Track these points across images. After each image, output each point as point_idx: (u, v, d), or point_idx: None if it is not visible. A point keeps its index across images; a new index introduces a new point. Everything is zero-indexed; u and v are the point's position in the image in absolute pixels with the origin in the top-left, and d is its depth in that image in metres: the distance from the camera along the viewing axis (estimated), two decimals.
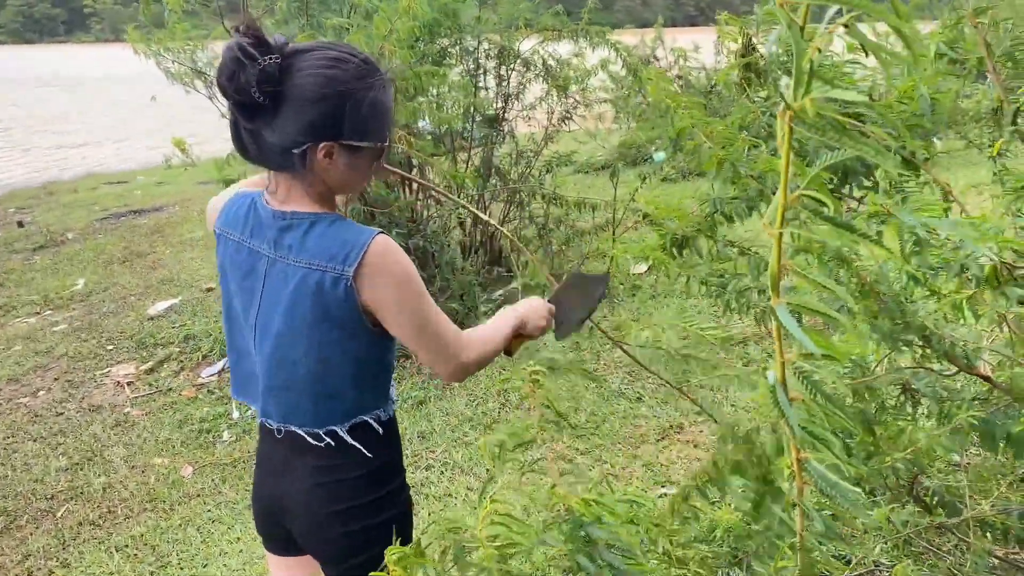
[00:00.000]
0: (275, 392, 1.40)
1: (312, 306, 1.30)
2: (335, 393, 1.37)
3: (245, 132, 1.29)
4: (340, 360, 1.35)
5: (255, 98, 1.22)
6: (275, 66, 1.21)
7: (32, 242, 7.15)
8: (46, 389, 4.18)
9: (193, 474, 3.28)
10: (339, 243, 1.28)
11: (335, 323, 1.31)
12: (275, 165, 1.32)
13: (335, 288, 1.28)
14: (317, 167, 1.30)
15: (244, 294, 1.39)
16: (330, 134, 1.27)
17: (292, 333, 1.34)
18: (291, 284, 1.31)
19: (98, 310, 5.30)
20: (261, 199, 1.38)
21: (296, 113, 1.24)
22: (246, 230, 1.38)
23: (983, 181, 5.75)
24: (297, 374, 1.36)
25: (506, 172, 5.05)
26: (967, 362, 1.45)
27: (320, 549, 1.47)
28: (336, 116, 1.26)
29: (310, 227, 1.31)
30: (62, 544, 2.87)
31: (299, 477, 1.43)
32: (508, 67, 4.94)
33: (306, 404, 1.38)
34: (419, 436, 3.40)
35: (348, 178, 1.34)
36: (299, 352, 1.35)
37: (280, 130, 1.25)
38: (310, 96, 1.24)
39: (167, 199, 8.87)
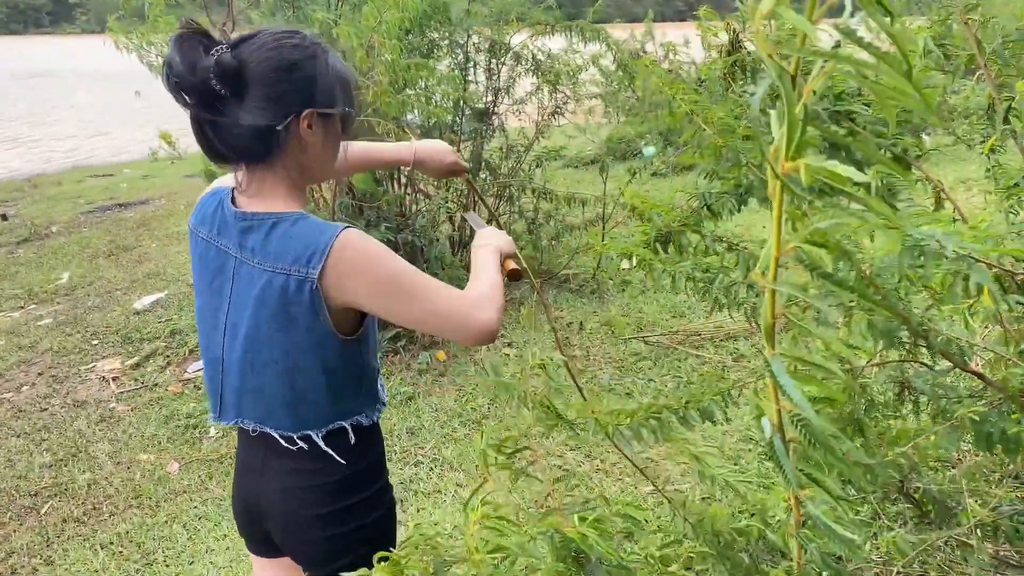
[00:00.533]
0: (250, 394, 1.36)
1: (277, 310, 1.25)
2: (309, 399, 1.33)
3: (210, 128, 1.24)
4: (310, 367, 1.30)
5: (215, 89, 1.19)
6: (228, 54, 1.19)
7: (16, 235, 7.07)
8: (30, 384, 4.13)
9: (179, 470, 3.25)
10: (302, 244, 1.23)
11: (301, 329, 1.26)
12: (249, 155, 1.27)
13: (300, 292, 1.23)
14: (297, 144, 1.27)
15: (213, 294, 1.35)
16: (307, 100, 1.25)
17: (260, 337, 1.29)
18: (256, 287, 1.26)
19: (83, 304, 5.25)
20: (228, 198, 1.34)
21: (267, 89, 1.22)
22: (214, 228, 1.33)
23: (972, 177, 5.77)
24: (268, 378, 1.32)
25: (496, 166, 5.03)
26: (962, 359, 1.44)
27: (299, 552, 1.44)
28: (308, 81, 1.25)
29: (272, 228, 1.26)
30: (46, 541, 2.83)
31: (276, 479, 1.40)
32: (499, 61, 4.91)
33: (280, 409, 1.34)
34: (408, 432, 3.38)
35: (324, 154, 1.33)
36: (268, 356, 1.31)
37: (254, 112, 1.22)
38: (277, 68, 1.22)
39: (153, 192, 8.79)
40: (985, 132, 2.23)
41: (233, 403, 1.39)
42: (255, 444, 1.43)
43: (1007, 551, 1.91)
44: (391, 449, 3.23)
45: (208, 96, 1.20)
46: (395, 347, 4.12)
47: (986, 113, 1.87)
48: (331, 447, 1.36)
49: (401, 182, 4.59)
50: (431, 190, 4.71)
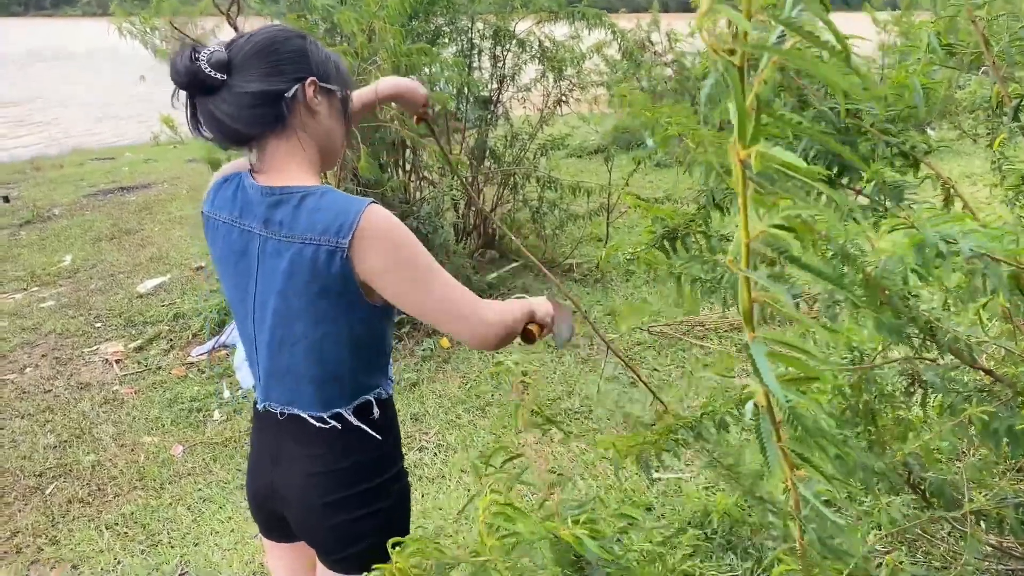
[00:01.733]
0: (277, 376, 1.37)
1: (308, 282, 1.27)
2: (336, 373, 1.34)
3: (219, 110, 1.26)
4: (339, 336, 1.31)
5: (210, 76, 1.23)
6: (221, 51, 1.25)
7: (18, 217, 7.06)
8: (34, 366, 4.14)
9: (183, 453, 3.26)
10: (332, 215, 1.24)
11: (332, 298, 1.28)
12: (262, 124, 1.28)
13: (331, 261, 1.24)
14: (306, 113, 1.30)
15: (240, 277, 1.36)
16: (307, 69, 1.30)
17: (290, 312, 1.30)
18: (284, 260, 1.27)
19: (86, 287, 5.25)
20: (247, 178, 1.35)
21: (267, 59, 1.26)
22: (235, 210, 1.34)
23: (977, 171, 5.77)
24: (297, 355, 1.33)
25: (500, 154, 5.02)
26: (970, 356, 1.45)
27: (316, 538, 1.45)
28: (303, 54, 1.30)
29: (301, 201, 1.27)
30: (51, 521, 2.85)
31: (295, 465, 1.41)
32: (503, 48, 4.90)
33: (308, 387, 1.35)
34: (412, 418, 3.39)
35: (331, 126, 1.36)
36: (298, 331, 1.32)
37: (260, 80, 1.25)
38: (272, 42, 1.28)
39: (155, 176, 8.77)
40: (990, 127, 2.23)
41: (264, 386, 1.40)
42: (277, 430, 1.43)
43: (1011, 543, 1.93)
44: None
45: (206, 84, 1.24)
46: (399, 334, 4.13)
47: (992, 109, 1.87)
48: (361, 422, 1.38)
49: (406, 169, 4.59)
50: (435, 177, 4.71)
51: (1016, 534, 1.74)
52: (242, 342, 1.44)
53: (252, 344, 1.40)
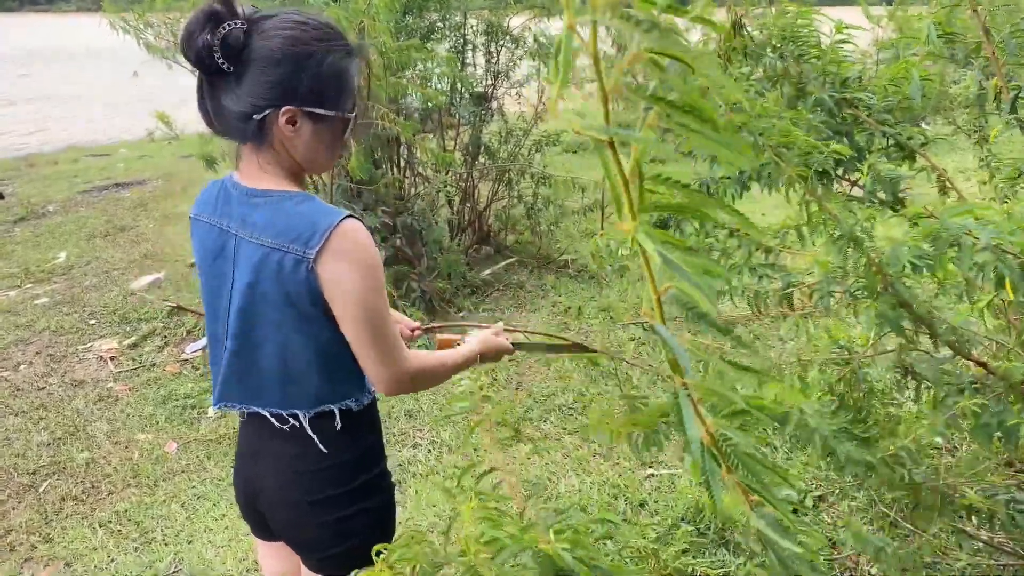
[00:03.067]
0: (239, 375, 1.37)
1: (273, 287, 1.26)
2: (299, 378, 1.33)
3: (209, 101, 1.26)
4: (301, 345, 1.30)
5: (218, 63, 1.20)
6: (240, 31, 1.20)
7: (12, 214, 7.04)
8: (27, 363, 4.13)
9: (177, 450, 3.26)
10: (305, 223, 1.23)
11: (295, 305, 1.27)
12: (238, 135, 1.28)
13: (296, 270, 1.23)
14: (280, 136, 1.26)
15: (215, 276, 1.35)
16: (290, 97, 1.24)
17: (255, 313, 1.30)
18: (254, 263, 1.27)
19: (80, 284, 5.24)
20: (232, 179, 1.35)
21: (256, 76, 1.22)
22: (216, 210, 1.34)
23: (970, 166, 5.76)
24: (262, 355, 1.33)
25: (495, 151, 5.02)
26: (966, 348, 1.45)
27: (294, 538, 1.45)
28: (294, 78, 1.23)
29: (277, 205, 1.27)
30: (45, 519, 2.84)
31: (270, 464, 1.41)
32: (497, 44, 4.89)
33: (271, 386, 1.35)
34: (406, 415, 3.39)
35: (313, 151, 1.30)
36: (262, 333, 1.32)
37: (241, 96, 1.23)
38: (270, 58, 1.22)
39: (150, 173, 8.75)
40: (978, 122, 2.23)
41: (222, 386, 1.40)
42: (251, 427, 1.44)
43: (1002, 538, 1.93)
44: (389, 431, 3.24)
45: (212, 68, 1.22)
46: None
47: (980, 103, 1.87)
48: (316, 430, 1.36)
49: (400, 165, 4.59)
50: (430, 173, 4.71)
51: (1007, 529, 1.75)
52: (209, 343, 1.43)
53: (220, 344, 1.39)
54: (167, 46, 4.49)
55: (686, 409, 0.55)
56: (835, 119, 1.42)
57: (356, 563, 1.40)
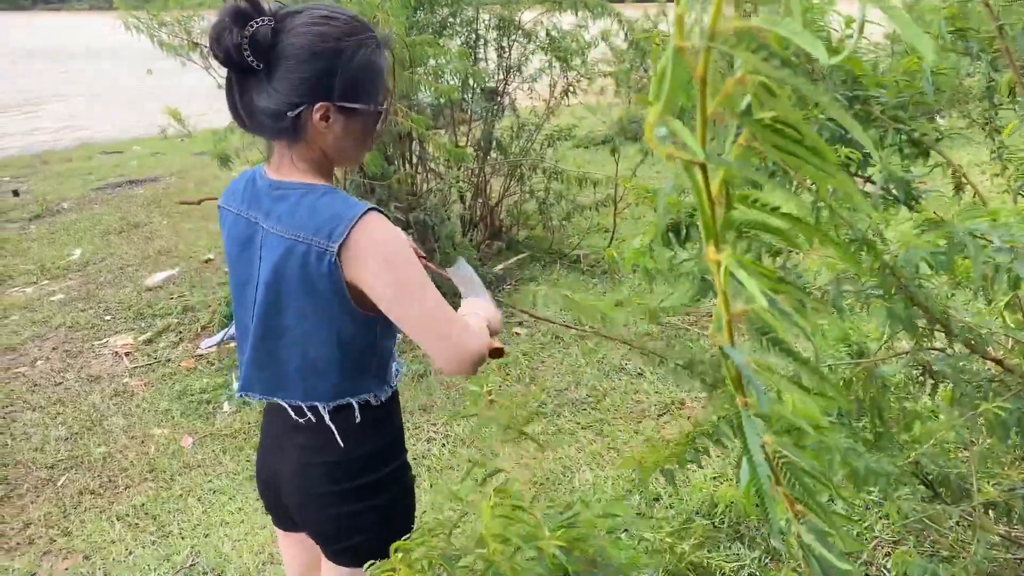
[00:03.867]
0: (260, 365, 1.38)
1: (298, 279, 1.27)
2: (319, 370, 1.34)
3: (240, 99, 1.27)
4: (324, 338, 1.31)
5: (248, 61, 1.20)
6: (267, 28, 1.20)
7: (28, 212, 7.09)
8: (44, 359, 4.17)
9: (193, 445, 3.28)
10: (327, 216, 1.24)
11: (320, 298, 1.28)
12: (270, 132, 1.29)
13: (319, 263, 1.24)
14: (313, 132, 1.27)
15: (243, 266, 1.37)
16: (323, 94, 1.24)
17: (279, 303, 1.32)
18: (278, 255, 1.28)
19: (95, 280, 5.28)
20: (261, 171, 1.37)
21: (288, 73, 1.22)
22: (244, 202, 1.36)
23: (986, 160, 5.74)
24: (283, 345, 1.35)
25: (507, 146, 5.02)
26: (982, 346, 1.44)
27: (314, 528, 1.46)
28: (328, 74, 1.23)
29: (301, 198, 1.28)
30: (63, 513, 2.87)
31: (291, 455, 1.42)
32: (509, 39, 4.88)
33: (293, 377, 1.36)
34: (420, 409, 3.40)
35: (344, 144, 1.31)
36: (285, 323, 1.33)
37: (273, 93, 1.23)
38: (301, 55, 1.22)
39: (163, 170, 8.80)
40: (989, 115, 2.21)
41: (245, 375, 1.41)
42: (274, 419, 1.45)
43: (1020, 532, 1.93)
44: (404, 425, 3.25)
45: (241, 66, 1.22)
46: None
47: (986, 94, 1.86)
48: (335, 423, 1.37)
49: (412, 161, 4.59)
50: (442, 169, 4.71)
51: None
52: (237, 332, 1.45)
53: (246, 333, 1.40)
54: (180, 44, 4.50)
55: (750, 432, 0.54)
56: None
57: (374, 555, 1.41)
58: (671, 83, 0.40)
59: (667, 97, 0.40)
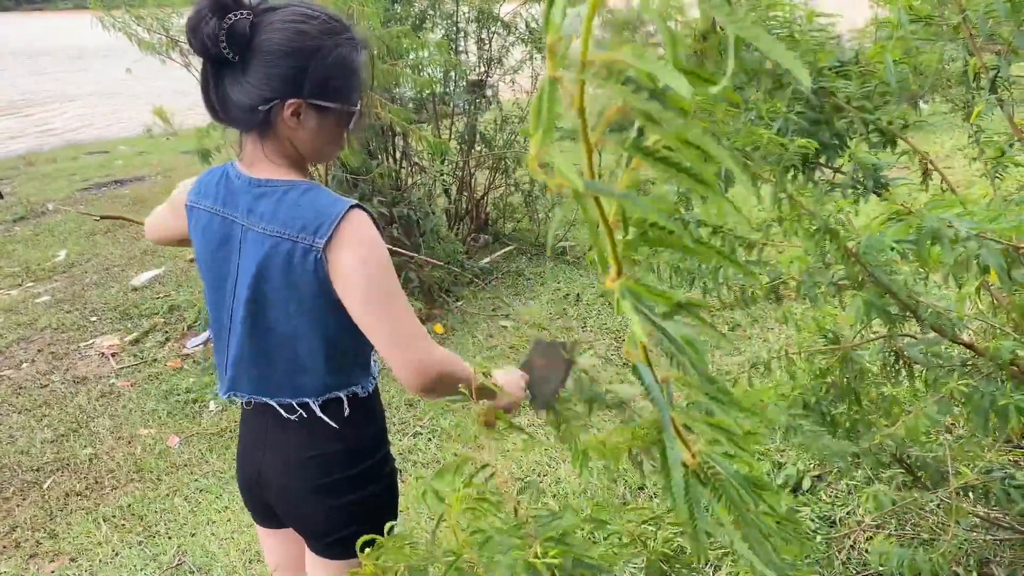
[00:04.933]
0: (246, 364, 1.38)
1: (281, 275, 1.27)
2: (307, 367, 1.34)
3: (214, 90, 1.27)
4: (310, 335, 1.32)
5: (224, 53, 1.21)
6: (246, 22, 1.20)
7: (12, 213, 7.05)
8: (30, 361, 4.16)
9: (179, 444, 3.28)
10: (312, 213, 1.24)
11: (306, 294, 1.28)
12: (242, 125, 1.29)
13: (304, 260, 1.24)
14: (284, 127, 1.27)
15: (219, 264, 1.36)
16: (295, 90, 1.24)
17: (264, 301, 1.31)
18: (262, 253, 1.28)
19: (81, 281, 5.26)
20: (234, 167, 1.36)
21: (262, 68, 1.22)
22: (218, 199, 1.35)
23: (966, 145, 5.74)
24: (269, 343, 1.34)
25: (491, 139, 5.01)
26: (952, 331, 1.45)
27: (300, 524, 1.47)
28: (301, 71, 1.23)
29: (283, 195, 1.27)
30: (49, 515, 2.87)
31: (276, 452, 1.43)
32: (489, 31, 4.87)
33: (279, 375, 1.36)
34: (406, 404, 3.40)
35: (316, 142, 1.31)
36: (271, 320, 1.33)
37: (247, 86, 1.23)
38: (276, 50, 1.22)
39: (149, 169, 8.76)
40: (966, 100, 2.22)
41: (231, 375, 1.41)
42: (257, 417, 1.45)
43: (998, 513, 1.94)
44: (390, 420, 3.26)
45: (217, 58, 1.22)
46: None
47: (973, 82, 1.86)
48: (329, 416, 1.38)
49: (395, 155, 4.58)
50: (426, 163, 4.70)
51: (1002, 505, 1.76)
52: (213, 333, 1.44)
53: (225, 332, 1.40)
54: (159, 42, 4.47)
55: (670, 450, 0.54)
56: (814, 109, 1.42)
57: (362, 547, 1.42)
58: (547, 114, 0.40)
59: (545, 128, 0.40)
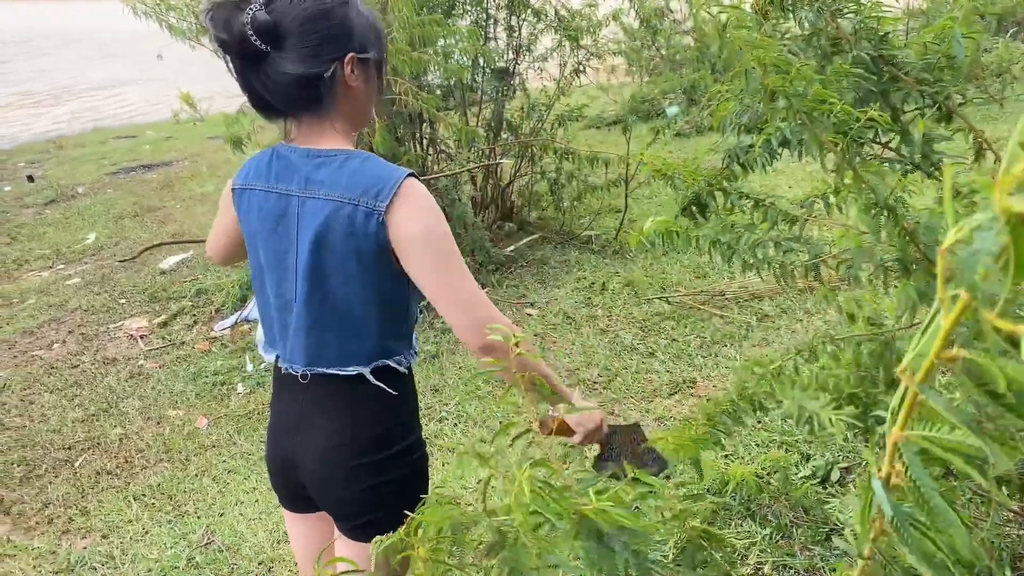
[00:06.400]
0: (305, 331, 1.38)
1: (342, 239, 1.30)
2: (361, 331, 1.37)
3: (258, 83, 1.29)
4: (367, 297, 1.34)
5: (256, 46, 1.23)
6: (262, 12, 1.23)
7: (43, 196, 7.15)
8: (61, 342, 4.21)
9: (208, 426, 3.31)
10: (372, 178, 1.28)
11: (365, 258, 1.31)
12: (299, 104, 1.31)
13: (367, 222, 1.28)
14: (345, 89, 1.31)
15: (279, 239, 1.38)
16: (346, 46, 1.29)
17: (323, 268, 1.34)
18: (322, 218, 1.30)
19: (110, 264, 5.32)
20: (284, 146, 1.38)
21: (307, 38, 1.25)
22: (271, 177, 1.37)
23: (1002, 136, 5.66)
24: (326, 309, 1.36)
25: (517, 126, 5.00)
26: None
27: (333, 505, 1.47)
28: (344, 26, 1.28)
29: (344, 162, 1.31)
30: (81, 493, 2.91)
31: (314, 433, 1.43)
32: (519, 18, 4.85)
33: (332, 342, 1.37)
34: (432, 389, 3.41)
35: (366, 99, 1.37)
36: (329, 287, 1.35)
37: (296, 65, 1.25)
38: (314, 17, 1.25)
39: (176, 154, 8.84)
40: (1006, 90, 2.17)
41: (289, 346, 1.42)
42: (295, 398, 1.45)
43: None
44: None
45: (250, 53, 1.24)
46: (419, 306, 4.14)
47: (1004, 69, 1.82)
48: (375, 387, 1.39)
49: (423, 142, 4.58)
50: (453, 150, 4.70)
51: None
52: (273, 307, 1.44)
53: (286, 305, 1.41)
54: (189, 28, 4.50)
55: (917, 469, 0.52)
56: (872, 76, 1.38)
57: (388, 529, 1.42)
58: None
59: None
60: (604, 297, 4.24)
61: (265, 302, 1.46)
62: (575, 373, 3.47)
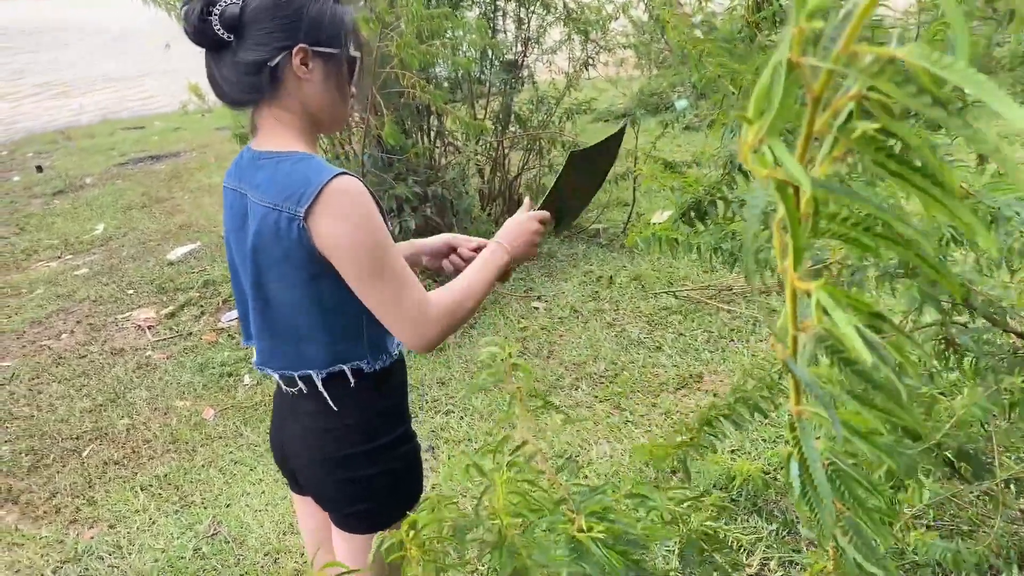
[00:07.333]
0: (258, 334, 1.40)
1: (273, 246, 1.27)
2: (309, 337, 1.34)
3: (217, 73, 1.29)
4: (306, 304, 1.31)
5: (221, 36, 1.24)
6: (235, 6, 1.24)
7: (51, 187, 7.17)
8: (69, 332, 4.23)
9: (215, 417, 3.32)
10: (297, 181, 1.24)
11: (296, 264, 1.27)
12: (251, 92, 1.29)
13: (289, 229, 1.24)
14: (293, 82, 1.28)
15: (242, 240, 1.37)
16: (295, 36, 1.26)
17: (263, 274, 1.32)
18: (255, 223, 1.29)
19: (118, 255, 5.33)
20: (247, 145, 1.38)
21: (258, 28, 1.25)
22: (236, 176, 1.37)
23: (1013, 132, 5.62)
24: (274, 315, 1.36)
25: (526, 119, 4.98)
26: (1004, 320, 1.42)
27: (319, 493, 1.50)
28: (296, 18, 1.26)
29: (277, 165, 1.28)
30: (88, 482, 2.93)
31: (297, 422, 1.45)
32: (527, 10, 4.83)
33: (285, 346, 1.37)
34: (438, 382, 3.42)
35: (326, 96, 1.32)
36: (270, 293, 1.34)
37: (249, 49, 1.25)
38: (265, 9, 1.25)
39: (184, 145, 8.84)
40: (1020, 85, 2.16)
41: (258, 349, 1.44)
42: (280, 389, 1.48)
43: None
44: (422, 399, 3.27)
45: (215, 43, 1.25)
46: None
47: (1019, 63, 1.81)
48: (329, 389, 1.37)
49: (430, 135, 4.58)
50: (460, 143, 4.69)
51: None
52: (239, 308, 1.47)
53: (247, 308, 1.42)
54: None
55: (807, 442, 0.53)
56: None
57: (377, 523, 1.44)
58: (779, 103, 0.37)
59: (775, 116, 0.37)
60: (611, 291, 4.24)
61: (241, 299, 1.46)
62: (581, 367, 3.47)
